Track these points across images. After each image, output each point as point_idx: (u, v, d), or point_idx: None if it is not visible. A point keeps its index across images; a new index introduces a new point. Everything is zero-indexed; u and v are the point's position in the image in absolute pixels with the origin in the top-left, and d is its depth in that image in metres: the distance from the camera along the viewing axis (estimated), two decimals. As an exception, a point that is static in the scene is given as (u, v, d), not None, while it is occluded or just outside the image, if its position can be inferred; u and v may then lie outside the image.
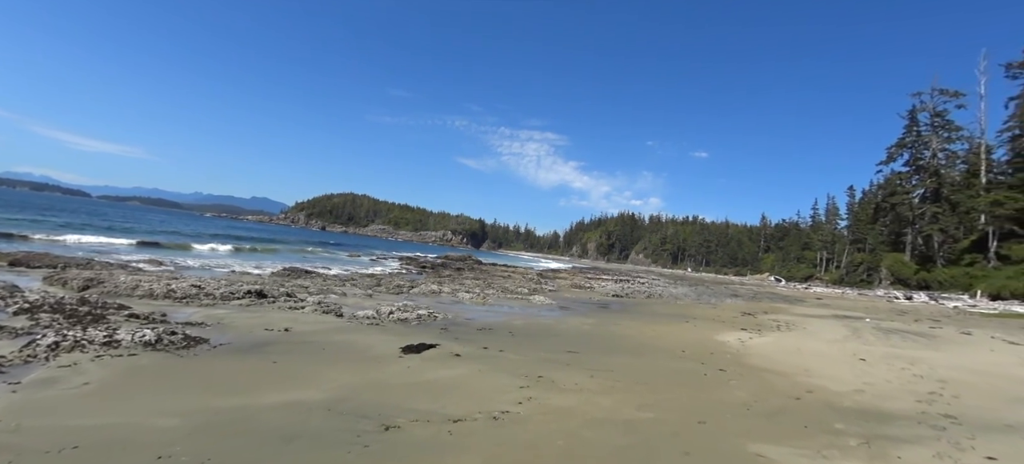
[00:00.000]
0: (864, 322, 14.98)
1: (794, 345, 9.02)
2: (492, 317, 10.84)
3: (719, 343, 8.77)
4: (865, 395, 5.43)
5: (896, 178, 47.73)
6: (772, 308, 19.49)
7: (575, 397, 4.47)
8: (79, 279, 10.72)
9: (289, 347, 6.24)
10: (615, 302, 17.62)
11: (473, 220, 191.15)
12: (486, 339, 7.79)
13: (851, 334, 10.99)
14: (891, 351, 8.94)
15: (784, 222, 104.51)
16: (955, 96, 43.70)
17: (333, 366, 5.34)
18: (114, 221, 41.95)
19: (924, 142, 45.30)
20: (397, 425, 3.50)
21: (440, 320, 9.75)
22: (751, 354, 7.71)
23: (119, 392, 4.07)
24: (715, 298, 23.88)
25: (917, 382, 6.27)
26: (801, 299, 28.15)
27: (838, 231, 70.74)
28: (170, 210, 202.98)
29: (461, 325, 9.30)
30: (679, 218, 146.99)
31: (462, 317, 10.46)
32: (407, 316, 9.68)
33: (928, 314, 20.43)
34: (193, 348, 5.97)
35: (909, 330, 13.01)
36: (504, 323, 10.01)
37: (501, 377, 5.09)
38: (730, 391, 5.21)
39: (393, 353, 6.12)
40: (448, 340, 7.34)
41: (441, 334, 7.95)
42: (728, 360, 7.08)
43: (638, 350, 7.61)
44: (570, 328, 9.95)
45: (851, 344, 9.50)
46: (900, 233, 47.56)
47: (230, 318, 8.24)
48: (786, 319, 14.59)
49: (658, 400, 4.62)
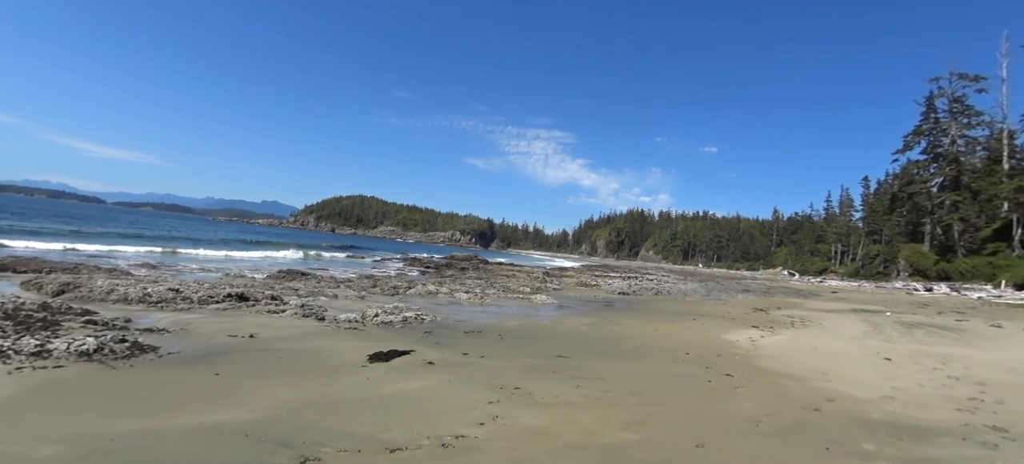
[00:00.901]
0: (885, 316, 14.09)
1: (810, 344, 8.24)
2: (486, 318, 10.18)
3: (727, 343, 8.02)
4: (895, 403, 4.68)
5: (913, 167, 46.21)
6: (785, 303, 18.60)
7: (551, 414, 3.78)
8: (55, 283, 10.25)
9: (244, 356, 5.63)
10: (620, 300, 16.87)
11: (481, 220, 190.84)
12: (471, 343, 7.13)
13: (872, 330, 10.17)
14: (918, 348, 8.13)
15: (797, 215, 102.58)
16: (975, 80, 42.21)
17: (282, 378, 4.72)
18: (123, 227, 41.99)
19: (942, 129, 43.85)
20: (318, 458, 2.85)
21: (428, 322, 9.11)
22: (762, 355, 6.96)
23: (12, 412, 3.48)
24: (726, 294, 23.00)
25: (952, 385, 5.49)
26: (816, 293, 27.13)
27: (853, 223, 69.18)
28: (182, 215, 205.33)
29: (449, 327, 8.65)
30: (689, 213, 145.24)
31: (453, 319, 9.82)
32: (392, 319, 9.06)
33: (951, 306, 19.40)
34: (135, 358, 5.38)
35: (933, 324, 12.14)
36: (496, 325, 9.35)
37: (471, 389, 4.43)
38: (737, 401, 4.49)
39: (358, 361, 5.48)
40: (427, 345, 6.69)
41: (423, 338, 7.30)
42: (736, 363, 6.34)
43: (637, 353, 6.90)
44: (567, 329, 9.26)
45: (873, 341, 8.69)
46: (918, 223, 46.11)
47: (197, 323, 7.67)
48: (801, 315, 13.75)
49: (650, 415, 3.92)
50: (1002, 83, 44.03)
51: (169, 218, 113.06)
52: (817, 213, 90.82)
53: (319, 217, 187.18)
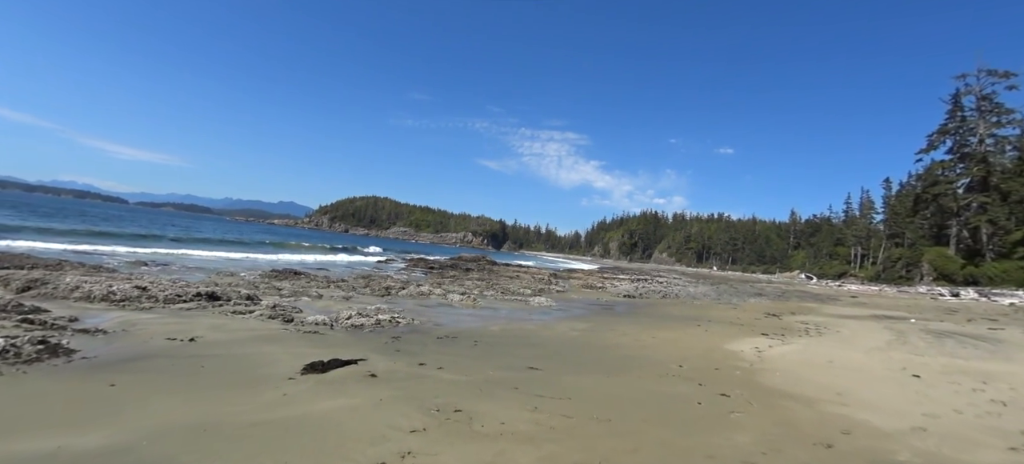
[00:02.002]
0: (909, 323, 12.94)
1: (825, 355, 7.27)
2: (470, 322, 9.39)
3: (729, 354, 7.09)
4: (929, 438, 3.76)
5: (938, 167, 44.23)
6: (801, 308, 17.47)
7: (482, 450, 2.96)
8: (23, 280, 9.73)
9: (165, 363, 4.92)
10: (623, 303, 15.95)
11: (493, 221, 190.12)
12: (437, 351, 6.34)
13: (896, 339, 9.13)
14: (950, 362, 7.11)
15: (815, 217, 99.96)
16: (1005, 77, 40.21)
17: (186, 392, 3.97)
18: (133, 226, 42.06)
19: (970, 127, 41.88)
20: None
21: (403, 326, 8.35)
22: (768, 369, 6.03)
23: None
24: (737, 297, 21.88)
25: (1000, 413, 4.54)
26: (834, 297, 25.79)
27: (873, 226, 66.94)
28: (200, 215, 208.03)
29: (424, 332, 7.88)
30: (704, 216, 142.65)
31: (433, 322, 9.05)
32: (365, 321, 8.33)
33: (981, 312, 18.06)
34: (40, 362, 4.71)
35: (964, 332, 11.00)
36: (478, 329, 8.55)
37: (401, 412, 3.62)
38: (728, 433, 3.62)
39: (288, 373, 4.72)
40: (386, 353, 5.92)
41: (385, 344, 6.53)
42: (736, 379, 5.44)
43: (622, 365, 6.02)
44: (553, 335, 8.41)
45: (897, 353, 7.68)
46: (943, 226, 44.15)
47: (144, 324, 7.02)
48: (817, 320, 12.69)
49: (611, 453, 3.08)
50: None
51: (185, 218, 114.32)
52: (836, 215, 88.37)
53: (333, 218, 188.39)
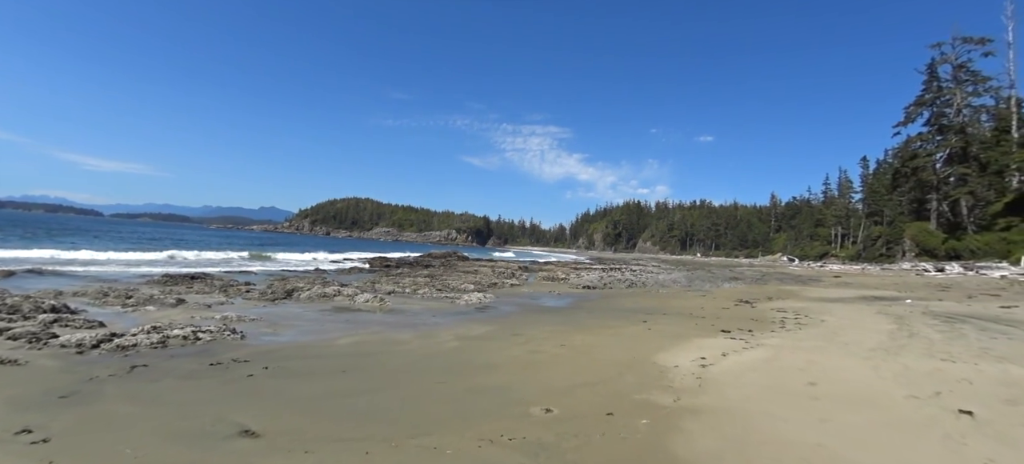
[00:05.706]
0: (905, 304, 11.03)
1: (805, 366, 5.12)
2: (329, 333, 6.89)
3: (654, 374, 4.75)
4: None
5: (916, 140, 42.91)
6: (780, 292, 15.58)
7: None
8: None
9: None
10: (577, 295, 13.88)
11: (477, 217, 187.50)
12: (186, 386, 4.16)
13: (899, 329, 7.12)
14: (1004, 371, 5.04)
15: (795, 200, 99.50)
16: (981, 43, 38.97)
17: None
18: (81, 237, 38.73)
19: (946, 98, 40.64)
20: None
21: (199, 344, 5.91)
22: (702, 408, 3.76)
23: None
24: (710, 283, 19.97)
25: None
26: (817, 278, 24.09)
27: (852, 205, 66.29)
28: (179, 224, 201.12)
29: (231, 350, 5.60)
30: (686, 203, 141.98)
31: (262, 334, 6.73)
32: (180, 333, 6.08)
33: (975, 288, 16.39)
34: None
35: (975, 314, 9.07)
36: (316, 346, 6.25)
37: None
38: None
39: None
40: (113, 389, 3.71)
41: (127, 374, 4.32)
42: (632, 444, 3.20)
43: (439, 411, 3.78)
44: (411, 350, 6.19)
45: (911, 356, 5.55)
46: (923, 200, 43.03)
47: None
48: (797, 307, 10.72)
49: None
50: (1008, 48, 41.01)
51: (152, 227, 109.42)
52: (816, 197, 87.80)
53: (314, 221, 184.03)
